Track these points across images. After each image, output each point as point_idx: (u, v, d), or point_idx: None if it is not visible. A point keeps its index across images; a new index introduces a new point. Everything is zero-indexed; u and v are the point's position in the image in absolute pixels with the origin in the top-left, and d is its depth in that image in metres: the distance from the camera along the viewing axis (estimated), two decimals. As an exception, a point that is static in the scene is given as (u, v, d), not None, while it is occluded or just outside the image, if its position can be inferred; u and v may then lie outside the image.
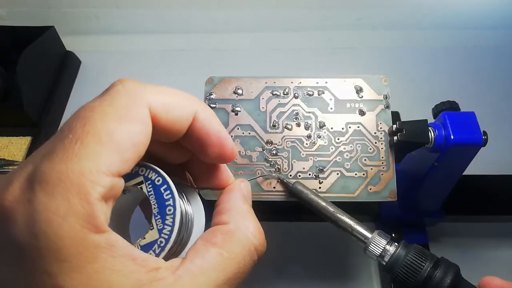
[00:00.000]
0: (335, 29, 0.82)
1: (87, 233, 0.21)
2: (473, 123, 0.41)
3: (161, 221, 0.26)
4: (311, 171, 0.40)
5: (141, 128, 0.24)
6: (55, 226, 0.20)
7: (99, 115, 0.22)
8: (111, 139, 0.22)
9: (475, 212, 0.54)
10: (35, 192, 0.20)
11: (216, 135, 0.28)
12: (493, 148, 0.46)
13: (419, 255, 0.34)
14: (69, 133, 0.22)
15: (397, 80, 0.71)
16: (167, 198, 0.26)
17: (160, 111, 0.25)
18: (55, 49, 0.76)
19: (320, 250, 0.58)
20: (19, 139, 0.67)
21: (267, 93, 0.43)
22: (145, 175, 0.27)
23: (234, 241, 0.27)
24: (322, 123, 0.42)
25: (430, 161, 0.43)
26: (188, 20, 0.83)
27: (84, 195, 0.21)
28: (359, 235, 0.35)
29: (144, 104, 0.24)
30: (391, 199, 0.39)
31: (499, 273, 0.55)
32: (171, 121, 0.25)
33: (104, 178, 0.22)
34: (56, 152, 0.21)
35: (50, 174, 0.21)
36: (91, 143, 0.21)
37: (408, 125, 0.40)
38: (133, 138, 0.23)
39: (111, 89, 0.24)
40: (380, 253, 0.35)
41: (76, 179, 0.21)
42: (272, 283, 0.56)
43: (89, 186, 0.21)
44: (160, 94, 0.25)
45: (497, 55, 0.77)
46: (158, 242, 0.26)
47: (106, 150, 0.22)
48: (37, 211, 0.20)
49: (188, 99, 0.26)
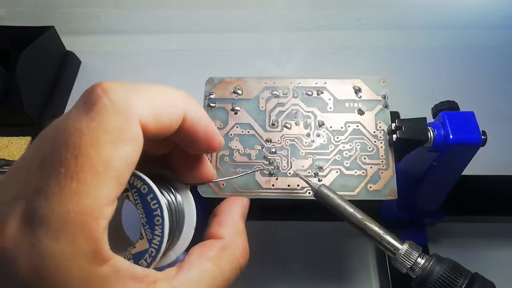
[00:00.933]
0: (335, 29, 0.82)
1: (95, 268, 0.21)
2: (472, 123, 0.41)
3: (150, 231, 0.26)
4: (310, 169, 0.40)
5: (134, 148, 0.22)
6: (63, 269, 0.20)
7: (90, 143, 0.21)
8: (108, 168, 0.21)
9: (474, 212, 0.54)
10: (37, 236, 0.20)
11: (204, 132, 0.28)
12: (492, 148, 0.46)
13: (453, 271, 0.33)
14: (61, 166, 0.20)
15: (397, 80, 0.71)
16: (154, 208, 0.26)
17: (150, 121, 0.23)
18: (55, 49, 0.76)
19: (318, 249, 0.58)
20: (19, 139, 0.67)
21: (266, 93, 0.44)
22: (131, 182, 0.26)
23: (226, 258, 0.28)
24: (321, 122, 0.42)
25: (429, 160, 0.43)
26: (188, 20, 0.83)
27: (90, 234, 0.20)
28: (389, 245, 0.34)
29: (135, 121, 0.22)
30: (391, 198, 0.39)
31: (498, 273, 0.55)
32: (161, 128, 0.25)
33: (106, 209, 0.21)
34: (52, 189, 0.20)
35: (51, 217, 0.20)
36: (88, 178, 0.20)
37: (407, 123, 0.40)
38: (128, 161, 0.22)
39: (96, 103, 0.22)
40: (410, 266, 0.34)
41: (79, 219, 0.20)
42: (271, 282, 0.56)
43: (93, 223, 0.21)
44: (148, 102, 0.23)
45: (497, 55, 0.77)
46: (148, 252, 0.26)
47: (104, 182, 0.21)
48: (43, 257, 0.20)
49: (177, 99, 0.25)
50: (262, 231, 0.58)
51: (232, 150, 0.41)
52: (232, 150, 0.41)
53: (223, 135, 0.42)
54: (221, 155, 0.41)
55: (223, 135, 0.42)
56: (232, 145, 0.41)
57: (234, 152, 0.41)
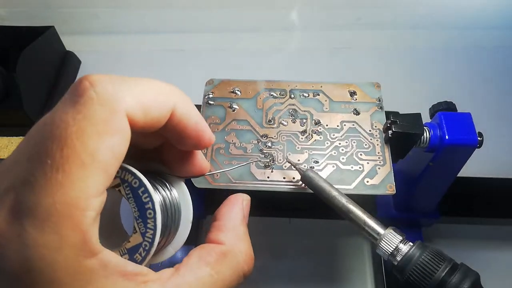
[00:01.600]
0: (335, 29, 0.82)
1: (82, 261, 0.21)
2: (468, 124, 0.41)
3: (143, 224, 0.26)
4: (306, 163, 0.41)
5: (121, 139, 0.22)
6: (49, 261, 0.20)
7: (75, 135, 0.21)
8: (94, 160, 0.21)
9: (470, 213, 0.54)
10: (24, 227, 0.20)
11: (194, 127, 0.27)
12: (490, 150, 0.46)
13: (435, 257, 0.32)
14: (47, 157, 0.20)
15: (396, 80, 0.71)
16: (145, 201, 0.26)
17: (137, 114, 0.23)
18: (55, 49, 0.77)
19: (314, 248, 0.58)
20: (19, 139, 0.67)
21: (264, 93, 0.45)
22: (122, 177, 0.26)
23: (226, 264, 0.27)
24: (317, 121, 0.43)
25: (425, 161, 0.43)
26: (188, 20, 0.83)
27: (76, 225, 0.20)
28: (371, 230, 0.34)
29: (121, 113, 0.22)
30: (390, 192, 0.39)
31: (494, 275, 0.55)
32: (149, 122, 0.24)
33: (93, 201, 0.21)
34: (38, 181, 0.20)
35: (37, 209, 0.20)
36: (74, 169, 0.20)
37: (402, 117, 0.40)
38: (115, 152, 0.22)
39: (82, 95, 0.22)
40: (391, 251, 0.33)
41: (66, 211, 0.20)
42: (268, 280, 0.56)
43: (80, 215, 0.20)
44: (136, 95, 0.23)
45: (496, 55, 0.77)
46: (142, 245, 0.26)
47: (90, 173, 0.21)
48: (29, 247, 0.20)
49: (166, 94, 0.25)
50: (257, 227, 0.58)
51: (228, 144, 0.42)
52: (228, 143, 0.42)
53: (219, 130, 0.42)
54: (217, 147, 0.41)
55: (220, 130, 0.42)
56: (228, 139, 0.42)
57: (230, 145, 0.41)
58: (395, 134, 0.40)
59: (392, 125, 0.40)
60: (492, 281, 0.55)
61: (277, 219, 0.59)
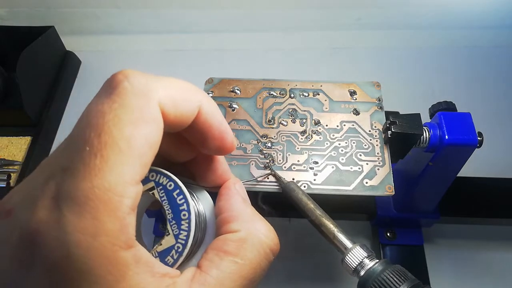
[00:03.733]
0: (335, 29, 0.82)
1: (117, 251, 0.21)
2: (468, 124, 0.41)
3: (176, 226, 0.26)
4: (305, 164, 0.41)
5: (155, 128, 0.23)
6: (85, 247, 0.20)
7: (112, 122, 0.21)
8: (130, 146, 0.21)
9: (471, 214, 0.54)
10: (62, 212, 0.20)
11: (218, 128, 0.27)
12: (490, 150, 0.46)
13: (397, 275, 0.31)
14: (85, 144, 0.21)
15: (395, 80, 0.71)
16: (180, 203, 0.26)
17: (168, 107, 0.24)
18: (55, 49, 0.77)
19: (314, 247, 0.58)
20: (19, 139, 0.67)
21: (263, 93, 0.45)
22: (156, 180, 0.26)
23: (248, 247, 0.26)
24: (317, 121, 0.43)
25: (425, 161, 0.43)
26: (188, 20, 0.83)
27: (113, 211, 0.20)
28: (339, 244, 0.33)
29: (155, 102, 0.23)
30: (388, 193, 0.39)
31: (493, 275, 0.56)
32: (179, 116, 0.25)
33: (130, 188, 0.21)
34: (77, 167, 0.21)
35: (75, 193, 0.20)
36: (112, 155, 0.21)
37: (402, 118, 0.40)
38: (149, 141, 0.22)
39: (117, 86, 0.22)
40: (355, 267, 0.32)
41: (103, 195, 0.20)
42: (264, 280, 0.56)
43: (117, 201, 0.20)
44: (168, 88, 0.24)
45: (496, 55, 0.77)
46: (175, 247, 0.26)
47: (127, 159, 0.21)
48: (67, 233, 0.20)
49: (193, 92, 0.26)
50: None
51: None
52: None
53: None
54: None
55: None
56: None
57: None
58: (394, 134, 0.40)
59: (391, 125, 0.40)
60: (492, 281, 0.55)
61: (277, 219, 0.59)
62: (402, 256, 0.54)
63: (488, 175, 0.56)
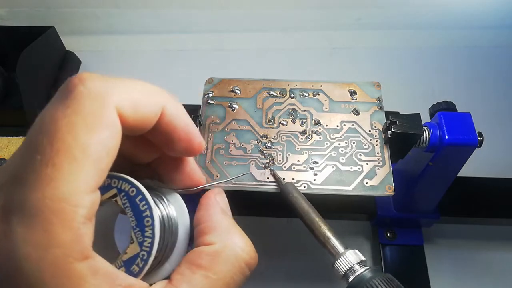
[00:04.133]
0: (334, 29, 0.82)
1: (71, 263, 0.20)
2: (468, 124, 0.41)
3: (140, 233, 0.25)
4: (305, 164, 0.41)
5: (112, 133, 0.22)
6: (36, 260, 0.19)
7: (66, 128, 0.20)
8: (85, 153, 0.20)
9: (471, 214, 0.54)
10: (12, 224, 0.19)
11: (184, 130, 0.27)
12: (490, 150, 0.46)
13: (386, 283, 0.30)
14: (37, 153, 0.20)
15: (395, 80, 0.71)
16: (143, 209, 0.25)
17: (127, 110, 0.23)
18: (55, 49, 0.77)
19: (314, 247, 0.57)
20: (19, 139, 0.67)
21: (264, 93, 0.45)
22: (118, 187, 0.25)
23: (222, 261, 0.25)
24: (317, 121, 0.43)
25: (425, 161, 0.43)
26: (188, 20, 0.83)
27: (67, 222, 0.19)
28: (331, 248, 0.33)
29: (111, 107, 0.22)
30: (388, 193, 0.39)
31: (493, 275, 0.56)
32: (140, 119, 0.24)
33: (85, 197, 0.20)
34: (27, 177, 0.20)
35: (25, 204, 0.19)
36: (65, 163, 0.20)
37: (402, 118, 0.40)
38: (106, 146, 0.21)
39: (72, 91, 0.22)
40: (345, 272, 0.32)
41: (56, 206, 0.19)
42: (264, 278, 0.56)
43: (71, 211, 0.20)
44: (126, 91, 0.23)
45: (496, 55, 0.77)
46: (140, 255, 0.25)
47: (82, 167, 0.20)
48: (16, 246, 0.19)
49: (155, 94, 0.25)
50: (257, 227, 0.58)
51: (228, 144, 0.42)
52: (228, 143, 0.42)
53: (219, 130, 0.42)
54: (217, 148, 0.41)
55: (220, 130, 0.42)
56: (228, 139, 0.42)
57: (230, 145, 0.41)
58: (394, 134, 0.40)
59: (391, 125, 0.40)
60: (492, 281, 0.55)
61: (277, 219, 0.59)
62: (402, 256, 0.54)
63: (488, 175, 0.56)
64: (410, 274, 0.53)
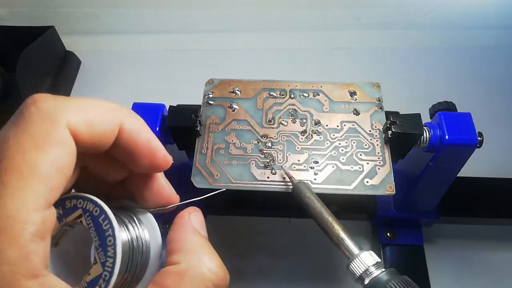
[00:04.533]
0: (334, 29, 0.82)
1: (19, 280, 0.19)
2: (468, 124, 0.41)
3: (103, 253, 0.24)
4: (306, 163, 0.41)
5: (63, 151, 0.22)
6: None
7: (15, 147, 0.20)
8: (33, 171, 0.20)
9: (470, 214, 0.54)
10: None
11: (146, 145, 0.26)
12: (490, 150, 0.46)
13: (403, 286, 0.30)
14: None
15: (396, 80, 0.71)
16: (106, 228, 0.24)
17: (81, 128, 0.23)
18: (55, 49, 0.77)
19: (314, 247, 0.58)
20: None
21: (264, 93, 0.45)
22: (84, 207, 0.25)
23: (187, 281, 0.25)
24: (317, 121, 0.43)
25: (425, 161, 0.43)
26: (188, 20, 0.83)
27: (14, 239, 0.19)
28: (345, 249, 0.33)
29: (62, 125, 0.22)
30: (389, 193, 0.39)
31: (493, 275, 0.56)
32: (96, 137, 0.24)
33: (34, 214, 0.20)
34: None
35: None
36: (12, 181, 0.20)
37: (402, 117, 0.40)
38: (56, 164, 0.21)
39: (24, 111, 0.22)
40: (361, 274, 0.31)
41: (3, 223, 0.19)
42: (264, 280, 0.56)
43: (18, 227, 0.19)
44: (79, 109, 0.23)
45: (496, 55, 0.77)
46: (102, 276, 0.24)
47: (30, 184, 0.20)
48: None
49: (110, 110, 0.25)
50: (257, 227, 0.58)
51: (228, 144, 0.42)
52: (228, 143, 0.42)
53: (219, 130, 0.42)
54: (217, 148, 0.41)
55: (220, 130, 0.42)
56: (228, 139, 0.42)
57: (230, 145, 0.41)
58: (394, 134, 0.40)
59: (391, 125, 0.40)
60: (492, 281, 0.55)
61: (277, 219, 0.59)
62: (402, 256, 0.54)
63: (488, 175, 0.56)
64: (410, 274, 0.52)
